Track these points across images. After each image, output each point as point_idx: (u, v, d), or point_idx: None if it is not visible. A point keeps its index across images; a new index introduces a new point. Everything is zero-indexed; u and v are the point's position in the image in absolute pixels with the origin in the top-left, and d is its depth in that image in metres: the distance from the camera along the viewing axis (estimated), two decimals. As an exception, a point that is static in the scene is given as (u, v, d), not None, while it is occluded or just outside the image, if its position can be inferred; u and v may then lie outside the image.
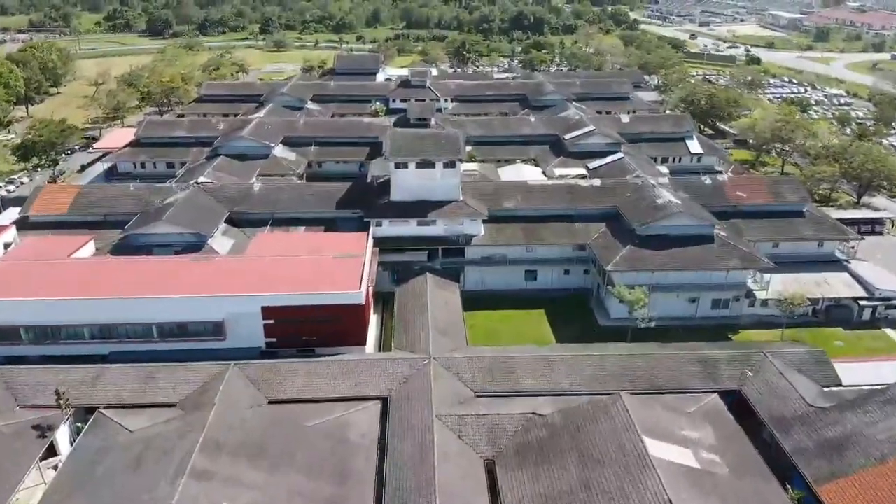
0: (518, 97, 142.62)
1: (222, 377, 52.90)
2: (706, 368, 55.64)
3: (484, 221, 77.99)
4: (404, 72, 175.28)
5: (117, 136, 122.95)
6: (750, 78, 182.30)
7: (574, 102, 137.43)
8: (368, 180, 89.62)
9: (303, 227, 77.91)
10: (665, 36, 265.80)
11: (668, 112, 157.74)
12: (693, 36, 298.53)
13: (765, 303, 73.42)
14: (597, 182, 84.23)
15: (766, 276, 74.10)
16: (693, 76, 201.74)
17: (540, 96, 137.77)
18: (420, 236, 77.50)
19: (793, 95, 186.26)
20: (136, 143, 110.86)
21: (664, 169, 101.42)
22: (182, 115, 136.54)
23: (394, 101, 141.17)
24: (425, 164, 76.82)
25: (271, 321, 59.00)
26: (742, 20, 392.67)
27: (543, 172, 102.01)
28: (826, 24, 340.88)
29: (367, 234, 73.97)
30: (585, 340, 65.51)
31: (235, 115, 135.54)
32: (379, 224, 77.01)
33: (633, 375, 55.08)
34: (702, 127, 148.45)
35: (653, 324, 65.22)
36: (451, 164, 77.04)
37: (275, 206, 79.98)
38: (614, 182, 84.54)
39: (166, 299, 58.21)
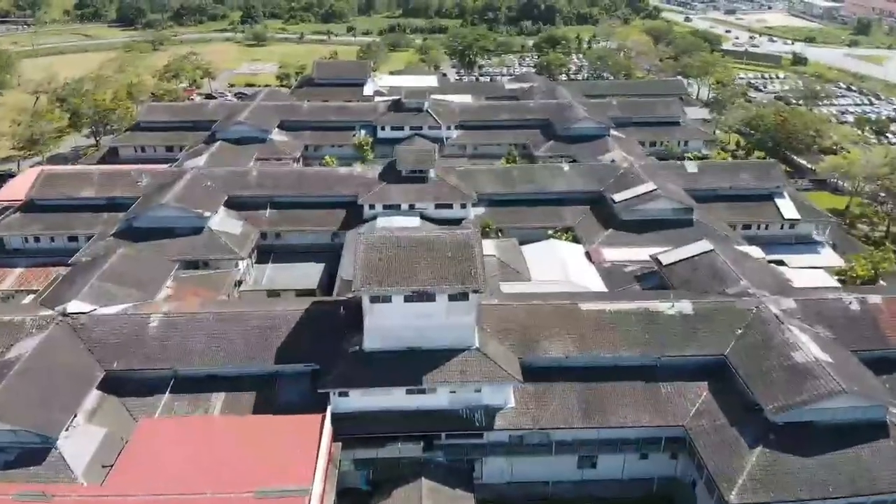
0: (540, 123, 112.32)
1: None
2: None
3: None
4: (398, 81, 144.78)
5: (23, 183, 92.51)
6: (818, 87, 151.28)
7: (612, 131, 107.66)
8: (335, 292, 60.33)
9: (221, 396, 48.45)
10: (698, 29, 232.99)
11: (716, 132, 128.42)
12: (729, 30, 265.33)
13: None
14: (686, 306, 54.23)
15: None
16: (737, 81, 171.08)
17: (569, 123, 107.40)
18: (411, 412, 48.07)
19: (858, 110, 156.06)
20: (28, 206, 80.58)
21: (756, 251, 71.59)
22: (114, 148, 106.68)
23: (383, 128, 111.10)
24: (420, 295, 47.24)
25: None
26: (769, 7, 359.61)
27: (587, 255, 72.46)
28: (863, 14, 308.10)
29: (323, 418, 44.91)
30: None
31: (181, 148, 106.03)
32: (344, 394, 47.62)
33: None
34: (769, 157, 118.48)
35: None
36: (462, 296, 47.38)
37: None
38: (714, 305, 54.60)
39: None
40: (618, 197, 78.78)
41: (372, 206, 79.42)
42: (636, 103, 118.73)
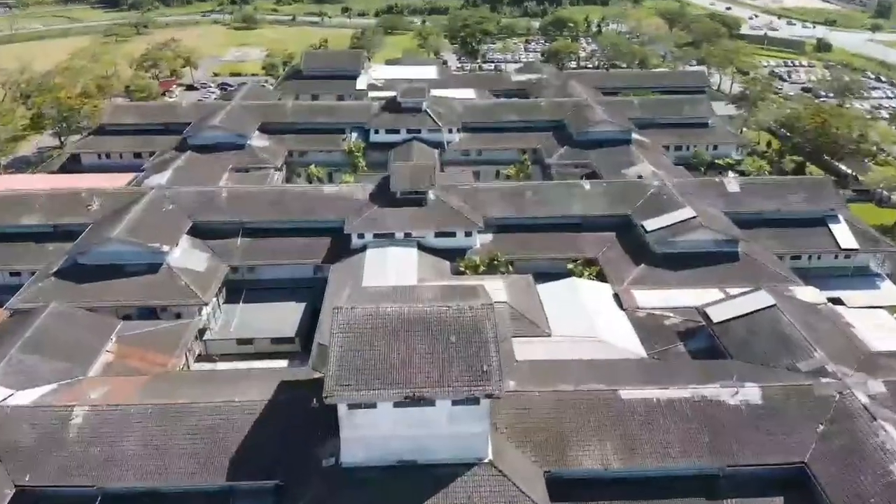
0: (552, 125, 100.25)
1: None
2: None
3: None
4: (394, 72, 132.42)
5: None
6: (847, 79, 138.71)
7: (634, 134, 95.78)
8: (311, 362, 48.91)
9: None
10: (715, 13, 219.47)
11: (743, 130, 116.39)
12: (754, 16, 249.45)
13: None
14: (753, 394, 42.57)
15: None
16: (761, 69, 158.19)
17: (586, 127, 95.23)
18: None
19: (893, 104, 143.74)
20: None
21: (814, 293, 60.00)
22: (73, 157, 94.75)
23: (376, 131, 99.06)
24: (415, 399, 35.81)
25: None
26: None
27: (616, 298, 61.05)
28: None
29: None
30: None
31: (151, 154, 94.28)
32: (317, 527, 36.39)
33: None
34: (804, 164, 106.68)
35: None
36: (472, 401, 35.97)
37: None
38: (787, 391, 42.69)
39: None
40: (650, 224, 67.09)
41: (361, 235, 67.93)
42: (660, 102, 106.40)
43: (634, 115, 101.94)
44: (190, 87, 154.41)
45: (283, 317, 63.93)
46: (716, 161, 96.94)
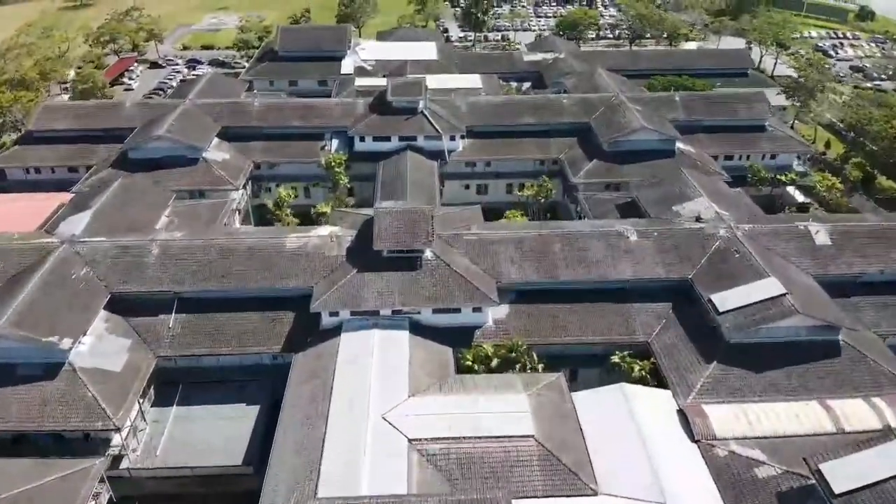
0: (577, 128, 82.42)
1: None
2: None
3: None
4: (387, 51, 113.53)
5: None
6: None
7: (680, 144, 78.08)
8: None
9: None
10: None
11: (794, 124, 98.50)
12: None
13: None
14: None
15: None
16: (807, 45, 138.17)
17: (619, 134, 77.21)
18: None
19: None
20: None
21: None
22: None
23: (362, 139, 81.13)
24: None
25: None
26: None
27: (681, 415, 44.42)
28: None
29: None
30: None
31: (88, 168, 76.85)
32: None
33: None
34: (874, 174, 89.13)
35: None
36: None
37: None
38: None
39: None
40: (721, 301, 49.91)
41: (335, 313, 50.98)
42: (707, 100, 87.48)
43: (676, 117, 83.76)
44: (154, 65, 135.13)
45: (228, 435, 47.45)
46: (777, 177, 79.21)
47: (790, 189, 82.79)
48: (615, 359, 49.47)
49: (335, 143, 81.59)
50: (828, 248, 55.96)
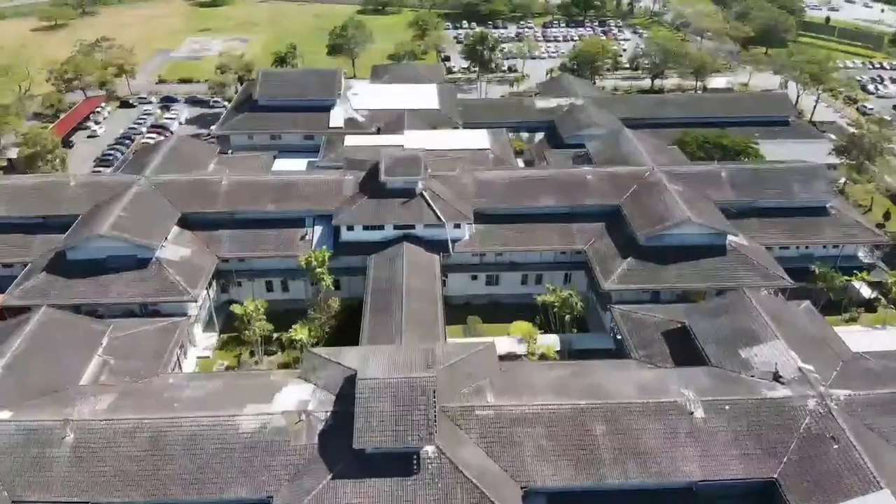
0: (604, 211, 69.31)
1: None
2: None
3: None
4: (383, 98, 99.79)
5: None
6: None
7: (731, 237, 64.83)
8: None
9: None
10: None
11: (845, 186, 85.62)
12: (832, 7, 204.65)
13: None
14: None
15: None
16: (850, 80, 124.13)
17: (659, 226, 63.93)
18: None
19: None
20: None
21: None
22: None
23: (350, 228, 67.86)
24: None
25: None
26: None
27: None
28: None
29: None
30: None
31: (25, 265, 63.68)
32: None
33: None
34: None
35: None
36: None
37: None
38: None
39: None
40: (827, 529, 36.89)
41: (304, 533, 37.79)
42: (758, 176, 73.80)
43: (724, 197, 70.61)
44: (125, 104, 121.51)
45: None
46: (848, 279, 66.05)
47: (856, 283, 69.80)
48: None
49: (318, 230, 68.45)
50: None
